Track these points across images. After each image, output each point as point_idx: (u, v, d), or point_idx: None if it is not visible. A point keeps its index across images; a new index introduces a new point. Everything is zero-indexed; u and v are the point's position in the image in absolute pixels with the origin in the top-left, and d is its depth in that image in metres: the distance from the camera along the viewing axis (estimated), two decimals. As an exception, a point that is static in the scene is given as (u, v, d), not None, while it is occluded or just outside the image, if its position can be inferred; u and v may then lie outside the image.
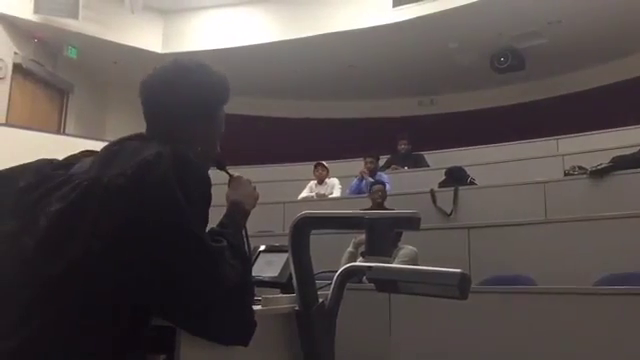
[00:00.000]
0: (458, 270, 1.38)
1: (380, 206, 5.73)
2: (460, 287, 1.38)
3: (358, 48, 9.53)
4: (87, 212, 1.10)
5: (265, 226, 5.96)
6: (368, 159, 7.33)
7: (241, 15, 10.03)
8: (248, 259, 1.28)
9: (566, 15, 8.46)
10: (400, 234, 4.13)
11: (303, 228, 1.37)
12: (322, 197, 7.36)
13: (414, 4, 8.77)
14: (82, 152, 1.34)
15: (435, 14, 8.59)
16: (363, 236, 1.35)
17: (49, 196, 1.16)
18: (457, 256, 4.51)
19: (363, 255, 1.37)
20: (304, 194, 7.63)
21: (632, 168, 5.12)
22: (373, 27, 9.05)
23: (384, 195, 5.89)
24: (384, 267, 1.42)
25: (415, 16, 8.76)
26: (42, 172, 1.24)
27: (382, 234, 1.33)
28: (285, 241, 1.44)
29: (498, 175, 6.47)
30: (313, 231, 1.41)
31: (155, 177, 1.10)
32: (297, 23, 9.57)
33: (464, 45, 9.43)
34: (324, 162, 7.67)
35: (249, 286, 1.23)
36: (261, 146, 10.46)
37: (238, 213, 1.37)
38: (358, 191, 7.13)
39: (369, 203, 5.94)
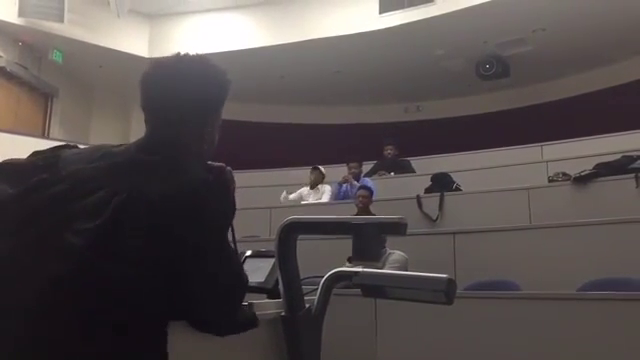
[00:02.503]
0: (444, 275, 1.39)
1: (366, 212, 5.73)
2: (447, 292, 1.39)
3: (344, 54, 9.57)
4: (130, 230, 1.05)
5: (251, 231, 5.96)
6: (352, 164, 7.35)
7: (227, 20, 10.04)
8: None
9: (550, 23, 8.56)
10: (384, 239, 4.14)
11: (290, 233, 1.37)
12: (308, 203, 7.33)
13: (400, 11, 8.83)
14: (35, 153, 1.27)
15: (421, 21, 8.66)
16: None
17: (64, 207, 1.09)
18: (443, 261, 4.54)
19: (350, 260, 1.38)
20: (292, 196, 7.58)
21: (615, 175, 5.19)
22: (360, 33, 9.10)
23: (367, 201, 5.86)
24: (370, 272, 1.42)
25: (401, 23, 8.82)
26: (32, 174, 1.16)
27: (369, 239, 1.34)
28: (271, 246, 1.43)
29: (483, 181, 6.51)
30: (300, 236, 1.41)
31: (212, 203, 1.12)
32: (283, 28, 9.59)
33: (450, 52, 9.51)
34: (320, 167, 7.62)
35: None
36: (246, 151, 10.43)
37: None
38: (343, 196, 7.12)
39: (355, 209, 5.95)
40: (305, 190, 7.56)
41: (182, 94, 1.23)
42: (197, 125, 1.26)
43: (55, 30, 9.00)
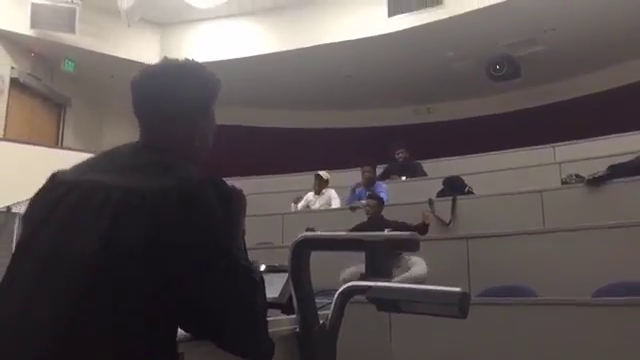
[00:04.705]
0: (458, 289, 1.39)
1: (377, 218, 5.71)
2: (460, 306, 1.38)
3: (354, 58, 9.57)
4: (131, 228, 1.08)
5: (264, 237, 5.97)
6: (365, 168, 7.29)
7: (238, 27, 10.08)
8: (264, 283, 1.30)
9: (561, 23, 8.52)
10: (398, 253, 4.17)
11: (302, 250, 1.38)
12: (318, 208, 7.34)
13: (409, 14, 8.82)
14: None
15: (430, 24, 8.64)
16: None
17: (70, 207, 1.13)
18: (457, 266, 4.52)
19: (362, 277, 1.38)
20: (300, 204, 7.62)
21: (629, 176, 5.14)
22: (369, 37, 9.10)
23: (376, 210, 5.81)
24: (383, 287, 1.43)
25: (410, 26, 8.81)
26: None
27: (381, 256, 1.34)
28: (284, 253, 1.44)
29: (495, 183, 6.48)
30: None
31: (205, 201, 1.12)
32: (293, 34, 9.62)
33: (460, 54, 9.49)
34: (321, 172, 7.65)
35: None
36: (259, 157, 10.48)
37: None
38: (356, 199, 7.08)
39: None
40: (310, 195, 7.58)
41: (164, 97, 1.27)
42: (183, 126, 1.28)
43: (67, 41, 9.09)
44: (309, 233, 1.39)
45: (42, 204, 1.18)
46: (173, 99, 1.27)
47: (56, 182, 1.22)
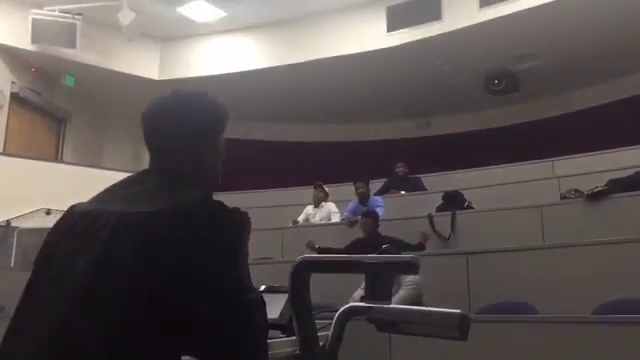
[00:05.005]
0: (457, 311, 1.39)
1: (373, 234, 5.70)
2: (460, 328, 1.38)
3: (354, 72, 9.61)
4: (122, 251, 1.10)
5: (264, 252, 5.97)
6: (358, 184, 7.23)
7: (237, 41, 10.14)
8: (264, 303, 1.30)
9: (560, 37, 8.56)
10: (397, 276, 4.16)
11: (302, 272, 1.38)
12: (317, 222, 7.33)
13: (408, 29, 8.88)
14: None
15: (429, 38, 8.69)
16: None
17: (76, 238, 1.18)
18: (456, 282, 4.51)
19: (363, 299, 1.38)
20: (300, 218, 7.61)
21: (628, 191, 5.15)
22: (368, 52, 9.15)
23: (370, 228, 5.78)
24: (383, 308, 1.42)
25: (409, 40, 8.86)
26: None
27: (381, 279, 1.34)
28: (285, 268, 1.45)
29: (494, 198, 6.49)
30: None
31: (200, 224, 1.13)
32: (292, 49, 9.66)
33: (458, 68, 9.53)
34: (323, 185, 7.64)
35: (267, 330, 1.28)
36: (257, 171, 10.49)
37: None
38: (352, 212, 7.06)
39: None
40: (310, 208, 7.57)
41: (173, 128, 1.30)
42: (192, 156, 1.31)
43: (67, 55, 9.12)
44: (308, 256, 1.39)
45: (56, 232, 1.24)
46: (182, 130, 1.30)
47: (71, 213, 1.27)
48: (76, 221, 1.21)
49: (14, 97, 9.22)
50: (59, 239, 1.21)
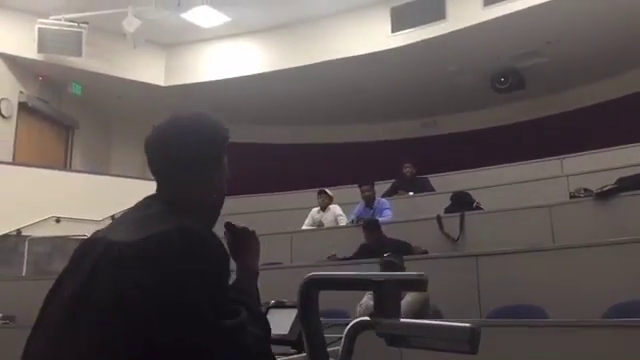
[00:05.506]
0: (468, 325, 1.38)
1: (378, 238, 5.70)
2: (470, 342, 1.38)
3: (359, 74, 9.61)
4: (101, 280, 1.13)
5: (273, 257, 5.95)
6: (364, 188, 7.13)
7: (241, 46, 10.15)
8: (268, 325, 1.28)
9: (564, 34, 8.51)
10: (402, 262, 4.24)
11: (311, 290, 1.38)
12: (322, 225, 7.30)
13: (412, 29, 8.86)
14: None
15: (433, 38, 8.68)
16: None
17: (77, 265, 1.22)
18: (466, 284, 4.49)
19: (371, 316, 1.38)
20: (306, 222, 7.58)
21: (637, 189, 5.10)
22: (373, 53, 9.14)
23: (374, 236, 5.76)
24: (393, 323, 1.42)
25: (414, 41, 8.85)
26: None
27: (390, 296, 1.34)
28: (294, 273, 1.45)
29: (503, 198, 6.45)
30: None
31: (172, 253, 1.12)
32: (297, 51, 9.67)
33: (464, 67, 9.51)
34: (327, 189, 7.63)
35: (270, 352, 1.25)
36: (262, 174, 10.48)
37: (251, 277, 1.38)
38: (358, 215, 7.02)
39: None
40: (315, 212, 7.53)
41: (172, 154, 1.31)
42: (192, 180, 1.31)
43: (74, 64, 9.18)
44: (316, 273, 1.39)
45: (72, 259, 1.26)
46: (184, 156, 1.31)
47: (88, 239, 1.29)
48: (85, 249, 1.25)
49: (22, 106, 9.29)
50: (70, 266, 1.24)
